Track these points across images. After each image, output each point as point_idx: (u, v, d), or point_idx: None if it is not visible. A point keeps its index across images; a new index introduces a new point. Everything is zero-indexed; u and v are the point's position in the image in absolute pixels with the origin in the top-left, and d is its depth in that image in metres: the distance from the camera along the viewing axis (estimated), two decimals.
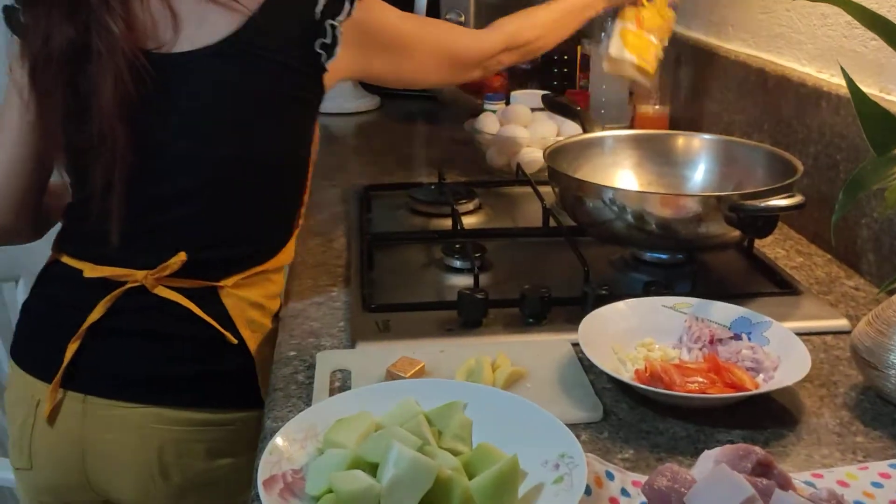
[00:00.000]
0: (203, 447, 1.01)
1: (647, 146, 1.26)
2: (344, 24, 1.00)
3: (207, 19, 0.97)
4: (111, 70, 0.92)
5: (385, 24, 1.09)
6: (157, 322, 0.99)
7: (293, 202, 1.10)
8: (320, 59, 1.01)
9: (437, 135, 1.92)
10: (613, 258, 1.17)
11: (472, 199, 1.38)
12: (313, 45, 1.00)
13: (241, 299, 1.03)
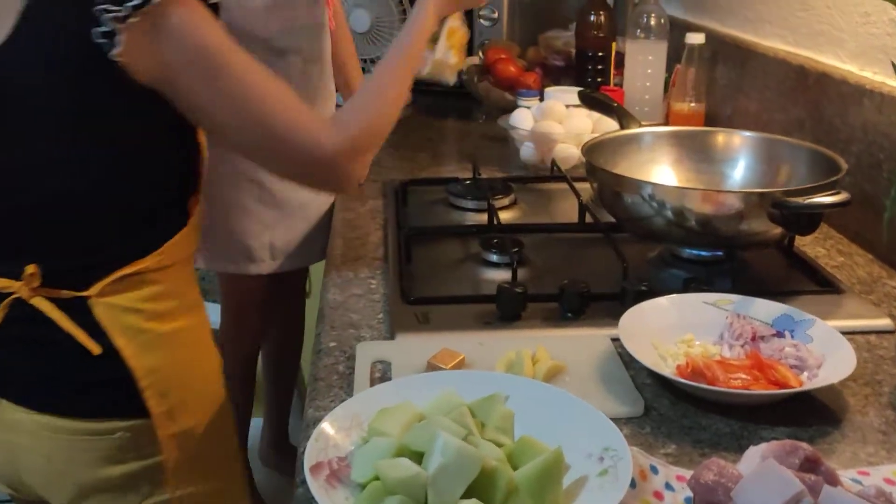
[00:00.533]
0: (90, 456, 0.98)
1: (686, 143, 1.26)
2: (140, 12, 0.85)
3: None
4: None
5: (192, 34, 0.89)
6: (38, 332, 0.96)
7: (157, 201, 0.99)
8: (103, 50, 0.86)
9: (470, 130, 1.92)
10: (651, 255, 1.16)
11: (507, 195, 1.38)
12: (90, 35, 0.86)
13: (112, 306, 0.96)
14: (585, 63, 1.83)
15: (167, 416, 0.99)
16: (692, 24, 1.87)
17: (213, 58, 0.90)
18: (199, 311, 1.07)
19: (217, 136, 1.00)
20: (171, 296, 1.01)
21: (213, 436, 1.06)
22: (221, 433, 1.10)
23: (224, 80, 0.91)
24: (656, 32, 1.74)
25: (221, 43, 0.91)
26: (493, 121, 1.86)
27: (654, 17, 1.73)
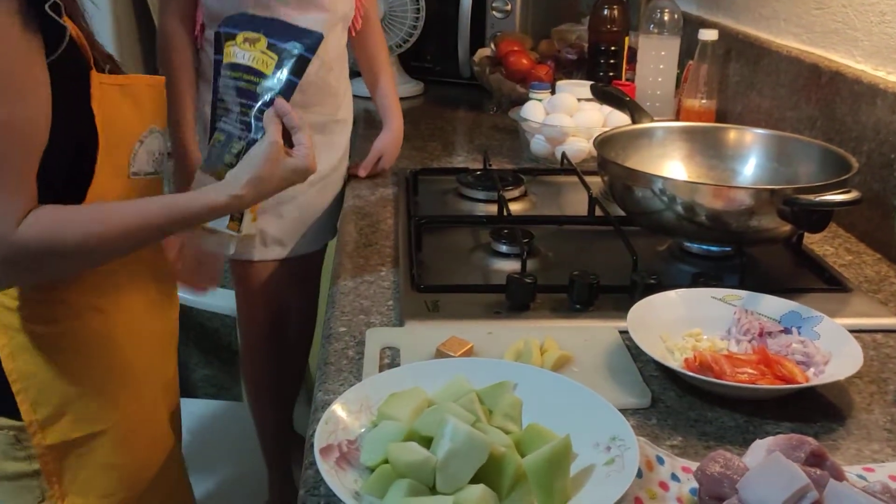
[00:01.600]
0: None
1: (698, 138, 1.26)
2: None
3: None
4: None
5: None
6: None
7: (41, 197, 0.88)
8: None
9: (481, 122, 1.92)
10: (661, 249, 1.17)
11: (518, 186, 1.38)
12: None
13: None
14: (598, 57, 1.83)
15: (40, 425, 0.94)
16: (706, 20, 1.87)
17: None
18: (95, 316, 0.96)
19: None
20: (57, 297, 0.93)
21: (118, 453, 0.99)
22: (133, 452, 1.02)
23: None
24: (669, 28, 1.74)
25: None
26: (505, 112, 1.87)
27: (668, 12, 1.73)
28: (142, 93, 0.98)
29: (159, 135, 1.00)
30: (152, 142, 0.98)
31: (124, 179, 0.95)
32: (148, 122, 0.97)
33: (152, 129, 0.98)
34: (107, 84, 0.92)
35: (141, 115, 0.97)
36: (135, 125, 0.96)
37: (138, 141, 0.96)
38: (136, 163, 0.96)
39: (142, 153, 0.97)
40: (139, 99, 0.97)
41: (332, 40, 1.43)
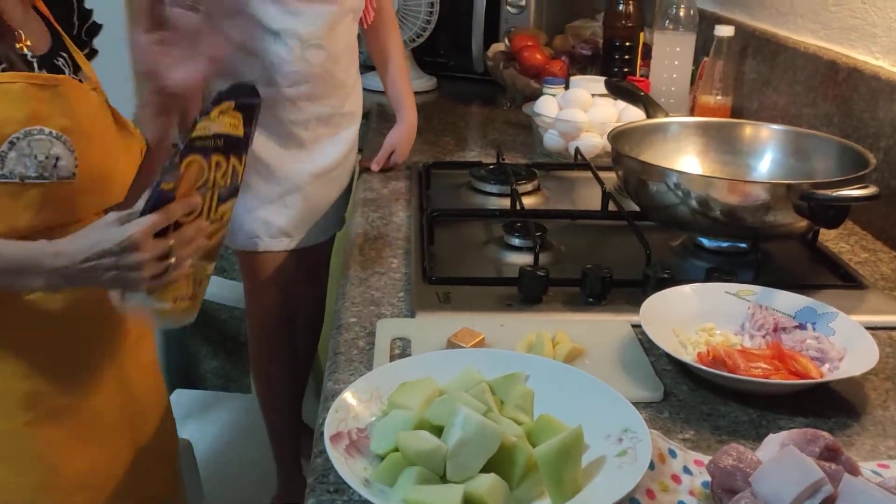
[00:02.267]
0: None
1: (713, 134, 1.25)
2: None
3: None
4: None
5: None
6: None
7: None
8: None
9: (495, 117, 1.92)
10: (674, 244, 1.16)
11: (531, 180, 1.38)
12: None
13: None
14: (612, 53, 1.82)
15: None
16: (721, 16, 1.86)
17: None
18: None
19: None
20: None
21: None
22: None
23: None
24: (685, 24, 1.73)
25: None
26: (518, 108, 1.87)
27: (684, 8, 1.72)
28: (23, 92, 0.94)
29: (49, 138, 0.95)
30: (34, 144, 0.94)
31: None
32: (26, 123, 0.94)
33: (33, 129, 0.94)
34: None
35: (18, 116, 0.93)
36: (4, 125, 0.92)
37: (7, 142, 0.92)
38: (6, 165, 0.93)
39: (15, 156, 0.93)
40: (18, 99, 0.94)
41: (340, 32, 1.43)
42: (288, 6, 1.36)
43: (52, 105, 0.96)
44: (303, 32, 1.38)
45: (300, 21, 1.37)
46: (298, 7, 1.36)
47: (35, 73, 0.97)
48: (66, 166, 0.96)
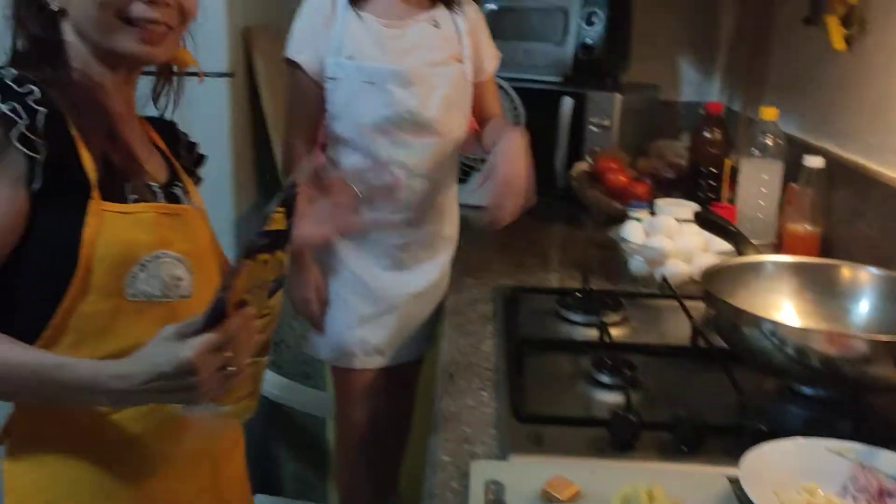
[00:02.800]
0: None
1: (808, 274, 1.24)
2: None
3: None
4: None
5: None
6: None
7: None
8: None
9: (578, 236, 1.94)
10: (769, 387, 1.14)
11: (618, 311, 1.38)
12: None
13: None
14: (698, 178, 1.84)
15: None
16: (810, 144, 1.85)
17: None
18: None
19: None
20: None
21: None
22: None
23: None
24: (772, 152, 1.74)
25: None
26: (602, 228, 1.89)
27: (771, 137, 1.74)
28: (154, 220, 1.03)
29: (175, 261, 1.03)
30: (161, 266, 1.02)
31: (118, 300, 1.00)
32: (156, 247, 1.01)
33: (160, 253, 1.02)
34: (111, 212, 0.99)
35: (149, 241, 1.01)
36: (137, 250, 1.00)
37: (138, 265, 1.00)
38: (135, 285, 1.00)
39: (144, 277, 1.01)
40: (150, 226, 1.02)
41: (443, 161, 1.49)
42: (397, 138, 1.43)
43: (176, 231, 1.05)
44: (409, 163, 1.45)
45: (407, 152, 1.44)
46: (407, 139, 1.43)
47: (162, 204, 1.06)
48: (185, 286, 1.05)
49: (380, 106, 1.44)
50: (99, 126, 1.02)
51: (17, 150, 0.93)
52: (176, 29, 1.07)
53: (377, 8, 1.47)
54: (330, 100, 1.47)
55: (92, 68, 1.05)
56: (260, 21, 2.18)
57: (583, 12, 2.22)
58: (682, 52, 2.56)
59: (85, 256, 0.97)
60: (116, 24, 1.01)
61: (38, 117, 0.94)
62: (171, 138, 1.21)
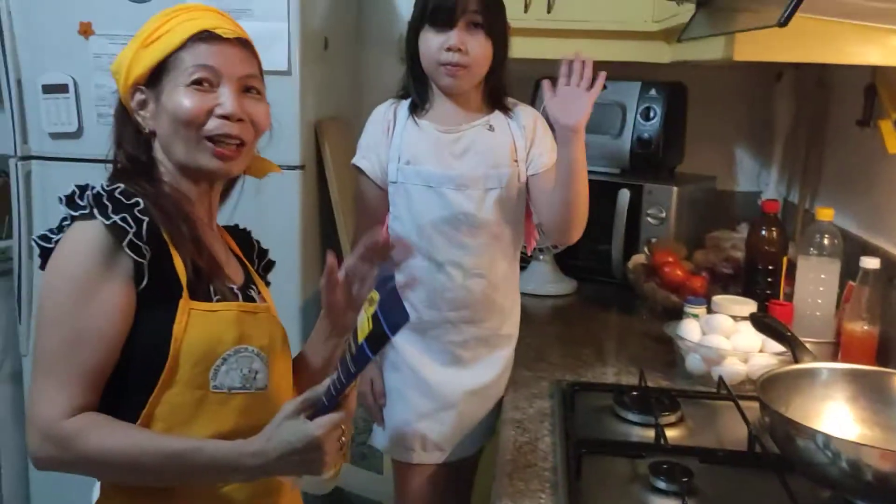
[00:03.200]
0: None
1: (864, 382, 1.26)
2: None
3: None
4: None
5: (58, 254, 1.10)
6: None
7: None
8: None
9: (634, 328, 1.97)
10: (824, 497, 1.15)
11: (675, 411, 1.41)
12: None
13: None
14: (755, 275, 1.87)
15: None
16: (867, 242, 1.87)
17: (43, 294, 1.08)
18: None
19: None
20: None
21: None
22: None
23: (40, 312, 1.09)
24: (829, 251, 1.76)
25: (67, 279, 1.06)
26: (658, 320, 1.92)
27: (828, 236, 1.76)
28: (236, 318, 1.14)
29: (253, 355, 1.14)
30: (241, 360, 1.13)
31: (204, 391, 1.10)
32: (237, 343, 1.13)
33: (241, 348, 1.13)
34: (197, 310, 1.10)
35: (230, 337, 1.12)
36: (219, 345, 1.11)
37: (221, 359, 1.11)
38: (217, 377, 1.11)
39: (226, 370, 1.12)
40: (231, 323, 1.13)
41: (500, 262, 1.55)
42: (453, 239, 1.50)
43: (254, 328, 1.16)
44: (466, 263, 1.51)
45: (465, 253, 1.50)
46: (464, 241, 1.50)
47: (243, 303, 1.16)
48: (262, 378, 1.16)
49: (437, 208, 1.51)
50: (187, 233, 1.13)
51: (126, 254, 1.05)
52: (249, 143, 1.19)
53: (435, 115, 1.56)
54: (392, 201, 1.56)
55: (179, 182, 1.17)
56: (329, 114, 2.30)
57: (640, 107, 2.29)
58: (739, 143, 2.60)
59: (175, 350, 1.08)
60: (196, 140, 1.13)
61: (143, 226, 1.05)
62: (247, 245, 1.32)
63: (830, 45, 1.46)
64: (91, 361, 1.06)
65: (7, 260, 2.34)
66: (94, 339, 1.06)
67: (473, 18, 1.47)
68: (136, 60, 1.16)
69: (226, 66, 1.15)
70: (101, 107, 2.07)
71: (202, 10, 1.20)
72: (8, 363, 2.36)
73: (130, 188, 1.11)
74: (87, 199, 1.07)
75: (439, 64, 1.49)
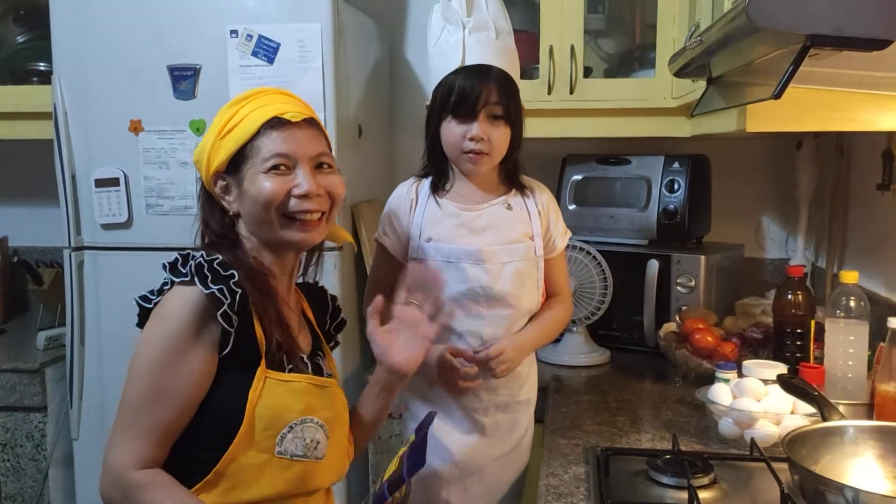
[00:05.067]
0: None
1: (892, 438, 1.28)
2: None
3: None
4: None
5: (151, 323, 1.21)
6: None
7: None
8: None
9: (667, 394, 1.99)
10: None
11: (707, 474, 1.43)
12: None
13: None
14: (784, 339, 1.89)
15: None
16: (894, 303, 1.90)
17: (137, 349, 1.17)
18: None
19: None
20: None
21: None
22: None
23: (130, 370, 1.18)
24: (857, 314, 1.78)
25: (151, 350, 1.16)
26: (690, 386, 1.94)
27: (855, 299, 1.78)
28: (305, 390, 1.21)
29: (317, 426, 1.20)
30: (305, 430, 1.20)
31: (269, 456, 1.17)
32: (303, 413, 1.19)
33: (307, 419, 1.20)
34: (272, 379, 1.18)
35: (298, 407, 1.19)
36: (288, 414, 1.18)
37: (287, 426, 1.18)
38: (282, 444, 1.18)
39: (291, 437, 1.18)
40: (301, 394, 1.20)
41: (515, 331, 1.61)
42: (471, 311, 1.56)
43: (321, 400, 1.24)
44: (483, 333, 1.57)
45: (482, 323, 1.56)
46: (481, 311, 1.56)
47: (313, 376, 1.25)
48: (322, 449, 1.23)
49: (455, 282, 1.58)
50: (270, 306, 1.21)
51: (217, 322, 1.14)
52: (329, 213, 1.28)
53: (455, 195, 1.64)
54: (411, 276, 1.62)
55: (263, 256, 1.26)
56: (364, 198, 2.41)
57: (664, 180, 2.37)
58: (765, 211, 2.65)
59: (249, 415, 1.16)
60: (279, 219, 1.23)
61: (237, 297, 1.15)
62: (321, 304, 1.40)
63: (842, 114, 1.52)
64: (168, 418, 1.15)
65: (60, 346, 2.44)
66: (173, 398, 1.14)
67: (494, 111, 1.54)
68: (214, 151, 1.26)
69: (298, 149, 1.25)
70: (150, 198, 2.20)
71: (270, 95, 1.30)
72: (60, 448, 2.43)
73: (227, 259, 1.20)
74: (190, 267, 1.17)
75: (462, 152, 1.57)
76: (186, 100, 2.16)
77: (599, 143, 2.57)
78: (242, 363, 1.17)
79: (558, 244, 1.68)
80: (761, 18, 0.87)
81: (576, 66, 2.26)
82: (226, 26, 2.10)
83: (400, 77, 2.80)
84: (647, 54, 2.42)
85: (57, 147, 2.25)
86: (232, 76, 2.08)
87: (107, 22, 2.18)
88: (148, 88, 2.17)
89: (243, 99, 1.29)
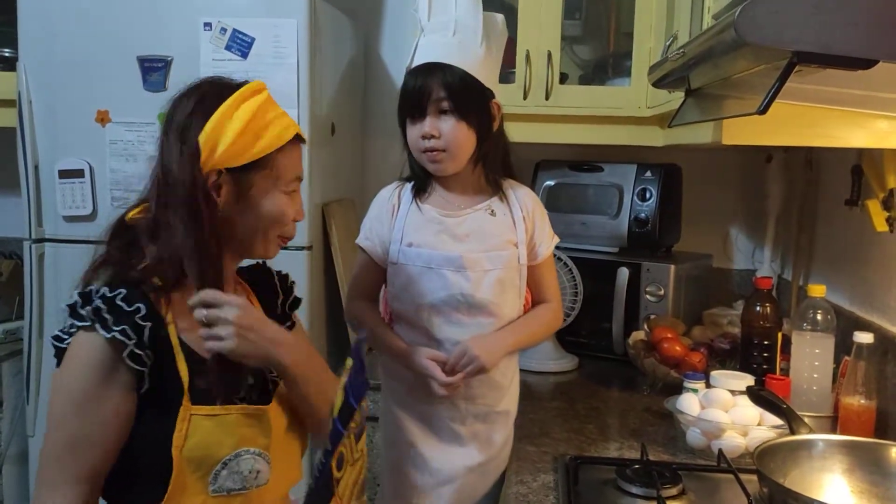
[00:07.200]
0: None
1: (860, 454, 1.29)
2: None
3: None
4: None
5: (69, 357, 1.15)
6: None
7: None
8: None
9: (634, 402, 2.00)
10: None
11: (676, 484, 1.43)
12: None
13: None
14: (751, 350, 1.91)
15: None
16: (860, 318, 1.92)
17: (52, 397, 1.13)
18: None
19: None
20: None
21: None
22: None
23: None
24: (823, 327, 1.80)
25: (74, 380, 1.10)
26: (658, 395, 1.95)
27: (821, 312, 1.80)
28: (236, 421, 1.14)
29: (254, 456, 1.15)
30: (241, 463, 1.14)
31: (204, 496, 1.12)
32: (237, 446, 1.13)
33: (241, 451, 1.14)
34: (197, 416, 1.11)
35: (230, 441, 1.13)
36: (219, 450, 1.12)
37: (220, 463, 1.12)
38: (217, 481, 1.12)
39: (226, 474, 1.13)
40: (231, 426, 1.14)
41: None
42: (451, 318, 1.54)
43: (256, 428, 1.16)
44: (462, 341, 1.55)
45: (462, 331, 1.54)
46: (461, 319, 1.54)
47: (245, 406, 1.17)
48: (263, 476, 1.17)
49: (436, 289, 1.55)
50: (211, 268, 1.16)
51: (127, 364, 1.09)
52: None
53: (437, 200, 1.61)
54: (391, 281, 1.60)
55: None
56: (335, 197, 2.38)
57: (636, 188, 2.37)
58: (734, 223, 2.68)
59: (177, 459, 1.10)
60: (274, 237, 1.23)
61: (144, 333, 1.09)
62: (268, 292, 1.34)
63: (816, 129, 1.53)
64: (90, 463, 1.09)
65: (17, 340, 2.38)
66: (93, 444, 1.09)
67: (440, 106, 1.52)
68: (232, 145, 1.15)
69: (301, 170, 1.26)
70: (116, 190, 2.15)
71: (277, 106, 1.25)
72: (15, 444, 2.37)
73: (132, 291, 1.12)
74: (88, 311, 1.10)
75: (421, 151, 1.55)
76: (156, 92, 2.12)
77: (573, 150, 2.57)
78: (164, 400, 1.11)
79: (541, 251, 1.64)
80: (749, 33, 0.87)
81: (552, 71, 2.26)
82: (200, 18, 2.06)
83: (374, 76, 2.78)
84: (621, 62, 2.42)
85: (20, 136, 2.19)
86: (204, 70, 2.04)
87: (76, 8, 2.13)
88: (117, 79, 2.13)
89: (269, 102, 1.22)
